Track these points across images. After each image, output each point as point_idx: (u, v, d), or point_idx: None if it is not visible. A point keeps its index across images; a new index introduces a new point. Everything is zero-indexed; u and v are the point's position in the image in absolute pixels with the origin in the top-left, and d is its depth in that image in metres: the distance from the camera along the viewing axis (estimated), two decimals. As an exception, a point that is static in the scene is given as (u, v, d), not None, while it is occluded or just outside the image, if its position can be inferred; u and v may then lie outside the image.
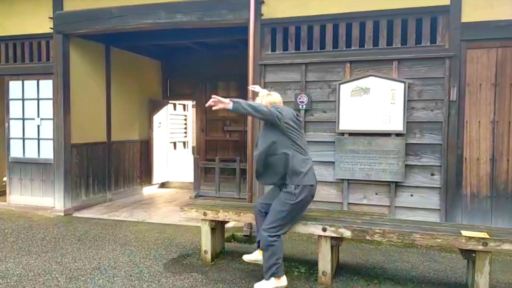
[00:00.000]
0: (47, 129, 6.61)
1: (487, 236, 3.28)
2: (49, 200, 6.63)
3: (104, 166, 7.38)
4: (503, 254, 4.43)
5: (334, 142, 5.24)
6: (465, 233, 3.36)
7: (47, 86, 6.58)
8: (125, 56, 7.93)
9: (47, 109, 6.59)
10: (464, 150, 4.78)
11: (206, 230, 4.23)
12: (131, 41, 7.45)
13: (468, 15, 4.72)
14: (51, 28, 6.40)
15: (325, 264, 3.67)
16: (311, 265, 4.03)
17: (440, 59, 4.81)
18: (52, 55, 6.55)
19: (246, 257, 4.01)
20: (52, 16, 6.40)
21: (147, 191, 8.61)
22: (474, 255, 3.34)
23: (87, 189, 7.00)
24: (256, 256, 3.94)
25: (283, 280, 3.47)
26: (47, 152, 6.62)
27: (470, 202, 4.79)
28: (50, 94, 6.55)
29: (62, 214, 6.37)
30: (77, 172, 6.73)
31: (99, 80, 7.24)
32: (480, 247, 3.26)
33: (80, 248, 4.70)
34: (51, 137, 6.55)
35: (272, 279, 3.45)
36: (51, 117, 6.54)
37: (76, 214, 6.44)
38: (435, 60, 4.83)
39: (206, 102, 9.94)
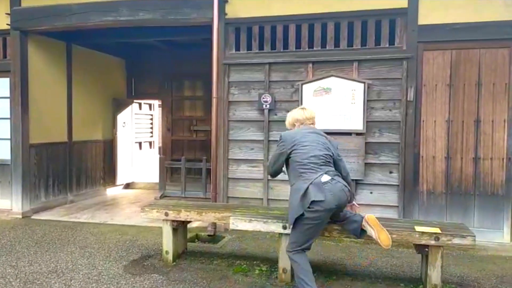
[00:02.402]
0: (4, 129, 6.38)
1: (439, 231, 3.40)
2: (6, 202, 6.40)
3: (65, 166, 7.18)
4: (457, 248, 4.60)
5: (297, 141, 5.29)
6: (418, 228, 3.47)
7: (3, 85, 6.35)
8: (88, 54, 7.75)
9: (4, 108, 6.37)
10: (420, 149, 4.94)
11: (167, 230, 4.19)
12: (94, 39, 7.28)
13: (425, 17, 4.88)
14: (8, 24, 6.17)
15: (285, 261, 3.70)
16: (273, 263, 4.07)
17: (398, 60, 4.95)
18: (9, 53, 6.34)
19: None
20: (9, 12, 6.17)
21: (111, 192, 8.43)
22: (427, 249, 3.46)
23: (47, 191, 6.80)
24: None
25: None
26: (4, 152, 6.39)
27: (427, 199, 4.96)
28: (7, 93, 6.33)
29: (20, 216, 6.16)
30: (36, 173, 6.52)
31: (59, 79, 7.03)
32: (433, 242, 3.38)
33: (37, 251, 4.56)
34: (8, 137, 6.33)
35: None
36: (8, 116, 6.32)
37: (35, 217, 6.24)
38: (394, 61, 4.97)
39: (172, 101, 9.84)
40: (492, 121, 4.77)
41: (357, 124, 5.06)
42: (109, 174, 8.50)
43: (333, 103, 5.15)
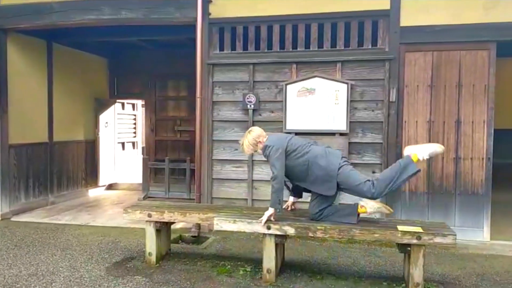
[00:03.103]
0: (-18, 129, 6.23)
1: (421, 230, 3.45)
2: (-16, 204, 6.25)
3: (45, 167, 7.05)
4: (439, 247, 4.68)
5: (281, 141, 5.31)
6: (401, 228, 3.51)
7: (-19, 83, 6.20)
8: (69, 53, 7.62)
9: (-18, 107, 6.22)
10: (402, 149, 4.98)
11: (150, 231, 4.15)
12: (76, 37, 7.16)
13: (407, 19, 4.94)
14: (-14, 22, 6.04)
15: (269, 262, 3.71)
16: (257, 264, 4.06)
17: (381, 61, 5.01)
18: (-13, 51, 6.19)
19: None
20: (-13, 10, 6.04)
21: (93, 193, 8.31)
22: (409, 248, 3.50)
23: (27, 192, 6.66)
24: None
25: None
26: (-18, 153, 6.24)
27: (409, 198, 5.03)
28: (-15, 92, 6.18)
29: (-1, 218, 6.03)
30: (16, 174, 6.38)
31: (40, 78, 6.90)
32: (415, 241, 3.42)
33: (16, 254, 4.46)
34: (-14, 137, 6.18)
35: None
36: (-14, 116, 6.17)
37: (15, 219, 6.11)
38: (376, 62, 5.03)
39: (155, 101, 9.73)
40: (472, 121, 4.86)
41: (341, 124, 5.09)
42: (91, 175, 8.38)
43: (317, 104, 5.18)
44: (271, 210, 3.62)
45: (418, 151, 3.53)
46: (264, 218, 3.61)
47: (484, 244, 4.84)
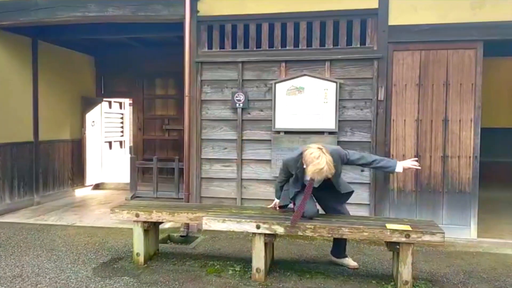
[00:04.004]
0: (-35, 128, 6.10)
1: (410, 229, 3.46)
2: (-32, 205, 6.12)
3: (31, 167, 6.92)
4: (427, 245, 4.70)
5: (270, 140, 5.30)
6: (389, 226, 3.52)
7: (-36, 81, 6.08)
8: (55, 51, 7.50)
9: (-35, 106, 6.09)
10: (391, 147, 5.03)
11: (138, 232, 4.10)
12: (62, 35, 7.03)
13: (395, 18, 4.96)
14: (-32, 19, 5.90)
15: (258, 261, 3.69)
16: (247, 263, 4.03)
17: (369, 60, 5.02)
18: (-30, 48, 6.07)
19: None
20: (-31, 6, 5.90)
21: (79, 193, 8.20)
22: (398, 247, 3.51)
23: (12, 192, 6.54)
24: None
25: None
26: (-35, 153, 6.12)
27: (397, 197, 5.05)
28: (-32, 91, 6.05)
29: (-17, 219, 5.90)
30: (0, 174, 6.25)
31: (25, 76, 6.77)
32: (403, 239, 3.43)
33: (1, 255, 4.37)
34: (-31, 136, 6.06)
35: None
36: (-31, 115, 6.05)
37: (-1, 219, 6.00)
38: (365, 61, 5.04)
39: (143, 100, 9.66)
40: (460, 120, 4.90)
41: (330, 123, 5.09)
42: (77, 175, 8.26)
43: (306, 102, 5.17)
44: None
45: None
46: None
47: (471, 242, 4.88)
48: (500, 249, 4.73)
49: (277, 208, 4.13)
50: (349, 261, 4.09)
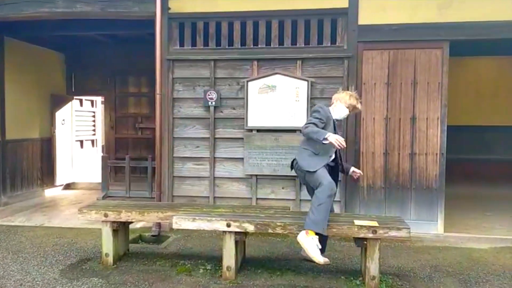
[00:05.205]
0: None
1: (377, 225, 3.53)
2: None
3: (-3, 167, 6.73)
4: (395, 240, 4.81)
5: (243, 138, 5.30)
6: (357, 222, 3.59)
7: None
8: (22, 48, 7.29)
9: None
10: (361, 145, 5.11)
11: (107, 232, 4.04)
12: (29, 31, 6.84)
13: (365, 18, 5.03)
14: None
15: (229, 259, 3.70)
16: (218, 262, 4.02)
17: (340, 59, 5.08)
18: None
19: None
20: None
21: (49, 193, 8.00)
22: (365, 242, 3.57)
23: (-23, 193, 6.33)
24: None
25: None
26: None
27: (367, 193, 5.14)
28: None
29: None
30: (-36, 174, 6.06)
31: (-10, 73, 6.57)
32: (370, 235, 3.50)
33: (-37, 259, 4.24)
34: None
35: None
36: None
37: (-37, 221, 5.80)
38: (335, 60, 5.10)
39: (115, 98, 9.45)
40: (427, 118, 5.02)
41: (302, 121, 5.10)
42: (47, 175, 8.06)
43: (278, 101, 5.19)
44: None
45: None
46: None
47: (438, 237, 5.01)
48: (466, 244, 4.88)
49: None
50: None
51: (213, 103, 5.35)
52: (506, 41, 5.13)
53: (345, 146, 3.57)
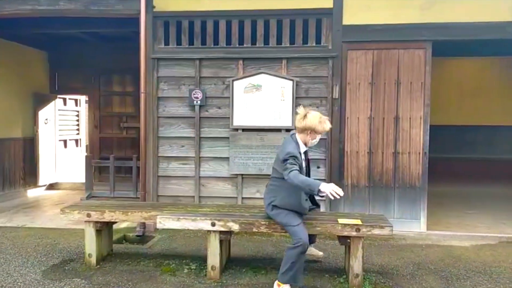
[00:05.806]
0: None
1: (360, 223, 3.56)
2: None
3: (-22, 167, 6.59)
4: (379, 238, 4.86)
5: (228, 138, 5.30)
6: (341, 220, 3.61)
7: None
8: (4, 46, 7.16)
9: None
10: (345, 144, 5.15)
11: (90, 232, 3.99)
12: (11, 29, 6.69)
13: (349, 18, 5.08)
14: None
15: (214, 258, 3.69)
16: (203, 261, 4.01)
17: (325, 59, 5.11)
18: None
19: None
20: None
21: (32, 193, 7.87)
22: (349, 241, 3.60)
23: (-43, 194, 6.20)
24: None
25: None
26: None
27: (351, 192, 5.18)
28: None
29: None
30: None
31: (-30, 71, 6.44)
32: (354, 233, 3.53)
33: None
34: None
35: None
36: None
37: None
38: (320, 60, 5.13)
39: (100, 96, 9.35)
40: (410, 118, 5.08)
41: (287, 120, 5.15)
42: (30, 175, 7.93)
43: (263, 100, 5.20)
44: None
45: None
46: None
47: (421, 235, 5.08)
48: (448, 241, 4.96)
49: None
50: (313, 251, 4.10)
51: (199, 102, 5.33)
52: (487, 42, 5.23)
53: (342, 195, 3.23)
